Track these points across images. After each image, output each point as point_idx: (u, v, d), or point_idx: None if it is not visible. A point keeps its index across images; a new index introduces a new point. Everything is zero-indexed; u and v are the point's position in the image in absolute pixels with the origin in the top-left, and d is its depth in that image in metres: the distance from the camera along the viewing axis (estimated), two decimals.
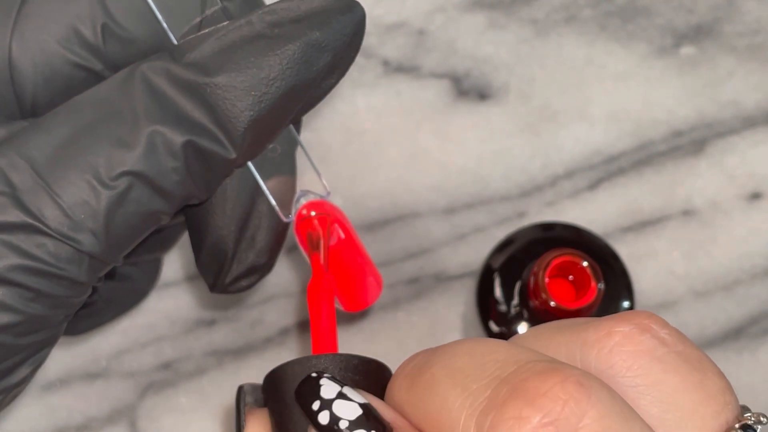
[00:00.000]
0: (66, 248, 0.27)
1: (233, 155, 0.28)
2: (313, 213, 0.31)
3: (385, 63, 0.54)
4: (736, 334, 0.52)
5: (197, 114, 0.28)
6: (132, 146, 0.27)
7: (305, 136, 0.53)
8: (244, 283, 0.32)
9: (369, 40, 0.54)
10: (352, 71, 0.54)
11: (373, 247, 0.52)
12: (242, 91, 0.28)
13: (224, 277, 0.31)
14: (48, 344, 0.29)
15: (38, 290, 0.27)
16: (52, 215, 0.27)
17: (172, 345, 0.51)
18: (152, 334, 0.51)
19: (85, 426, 0.50)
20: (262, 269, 0.32)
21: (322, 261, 0.31)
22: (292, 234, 0.33)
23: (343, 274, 0.32)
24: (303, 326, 0.52)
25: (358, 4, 0.30)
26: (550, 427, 0.23)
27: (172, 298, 0.52)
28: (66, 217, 0.27)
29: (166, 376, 0.51)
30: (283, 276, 0.52)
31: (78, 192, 0.27)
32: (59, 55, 0.29)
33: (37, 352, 0.29)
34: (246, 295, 0.52)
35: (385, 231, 0.52)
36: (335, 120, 0.53)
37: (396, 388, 0.27)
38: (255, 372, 0.51)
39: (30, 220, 0.27)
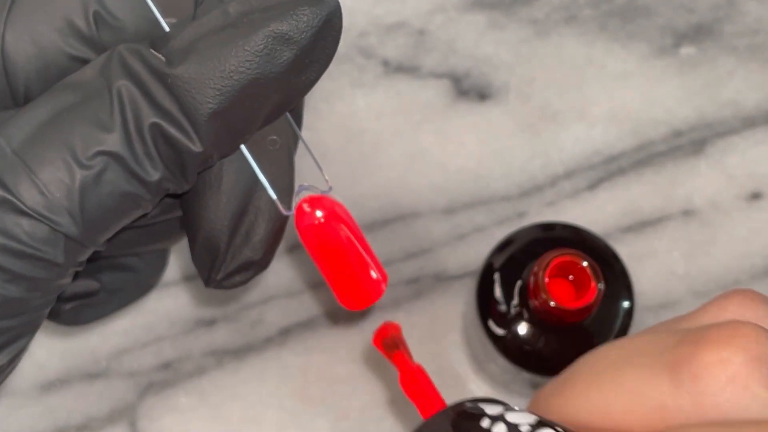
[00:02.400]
0: (42, 228, 0.27)
1: (199, 147, 0.28)
2: (319, 213, 0.31)
3: (385, 63, 0.54)
4: None
5: (166, 102, 0.27)
6: (109, 127, 0.27)
7: (304, 135, 0.53)
8: (238, 278, 0.31)
9: (369, 40, 0.54)
10: (352, 71, 0.54)
11: (373, 247, 0.51)
12: (201, 83, 0.27)
13: (217, 272, 0.31)
14: (27, 332, 0.29)
15: (14, 271, 0.27)
16: (28, 193, 0.27)
17: (172, 345, 0.51)
18: (152, 334, 0.51)
19: (85, 426, 0.50)
20: (257, 265, 0.31)
21: (407, 356, 0.32)
22: (293, 233, 0.33)
23: (347, 273, 0.32)
24: (303, 326, 0.52)
25: None
26: (756, 362, 0.23)
27: (172, 298, 0.52)
28: (41, 195, 0.27)
29: (166, 376, 0.51)
30: (283, 276, 0.52)
31: (54, 171, 0.27)
32: (53, 46, 0.29)
33: (16, 339, 0.29)
34: (246, 295, 0.52)
35: (385, 231, 0.52)
36: (335, 120, 0.53)
37: (553, 403, 0.28)
38: (255, 372, 0.51)
39: (7, 196, 0.27)
